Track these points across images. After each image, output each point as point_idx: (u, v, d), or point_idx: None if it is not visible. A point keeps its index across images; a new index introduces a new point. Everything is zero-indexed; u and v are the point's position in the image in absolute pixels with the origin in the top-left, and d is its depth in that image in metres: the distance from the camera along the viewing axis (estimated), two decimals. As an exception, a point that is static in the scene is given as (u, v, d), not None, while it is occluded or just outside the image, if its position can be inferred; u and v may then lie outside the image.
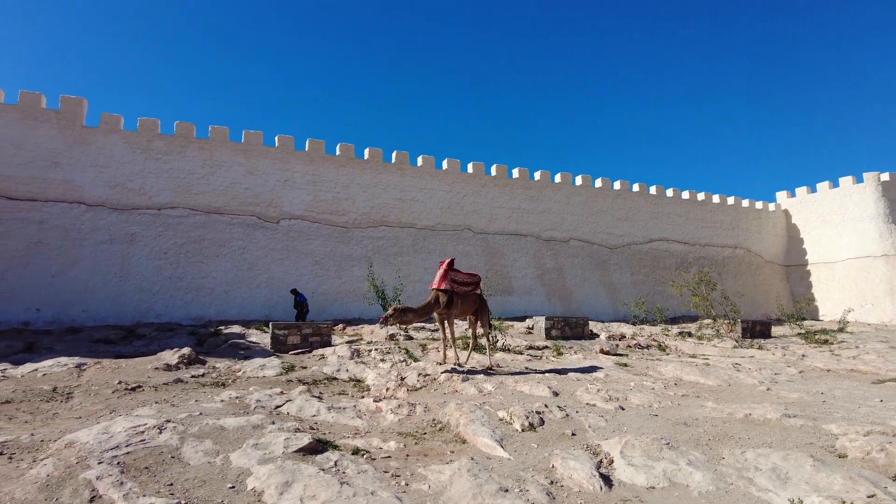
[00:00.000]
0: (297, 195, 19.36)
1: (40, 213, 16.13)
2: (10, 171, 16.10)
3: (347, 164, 20.43)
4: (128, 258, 16.61)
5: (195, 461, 4.42)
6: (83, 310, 15.65)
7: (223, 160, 18.57)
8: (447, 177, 21.98)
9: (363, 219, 20.18)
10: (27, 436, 5.00)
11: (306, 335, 11.35)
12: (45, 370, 8.60)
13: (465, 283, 8.87)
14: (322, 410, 6.25)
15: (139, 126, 17.91)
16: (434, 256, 20.47)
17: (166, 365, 8.90)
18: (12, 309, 14.98)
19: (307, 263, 18.72)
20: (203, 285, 17.09)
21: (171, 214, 17.52)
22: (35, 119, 16.75)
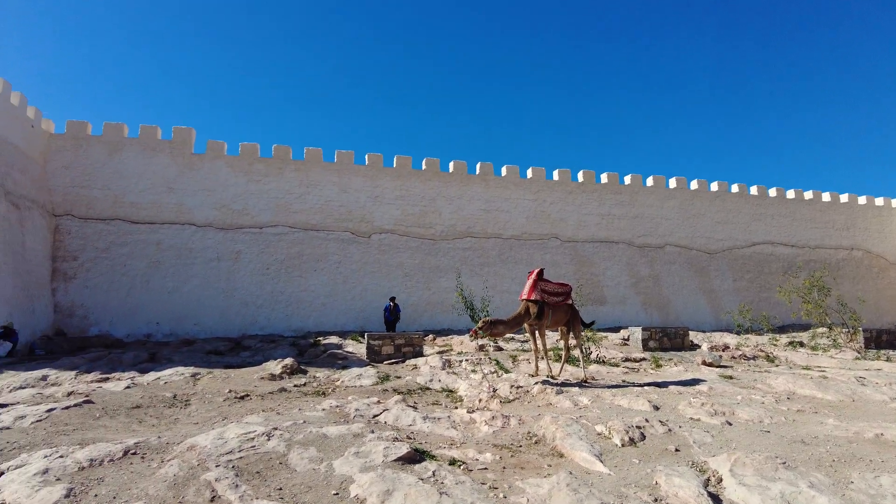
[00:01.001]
0: (387, 210, 19.97)
1: (157, 235, 17.73)
2: (133, 198, 17.86)
3: (433, 178, 20.82)
4: (234, 274, 17.86)
5: (301, 467, 4.64)
6: (195, 323, 16.98)
7: (318, 180, 19.55)
8: (532, 185, 21.82)
9: (449, 231, 20.45)
10: (155, 438, 5.47)
11: (399, 345, 11.63)
12: (166, 378, 9.39)
13: (556, 293, 8.74)
14: (417, 420, 6.38)
15: (241, 151, 19.25)
16: (521, 266, 20.33)
17: (271, 375, 9.43)
18: (136, 322, 16.55)
19: (397, 275, 19.22)
20: (302, 298, 18.03)
21: (271, 232, 18.66)
22: (152, 149, 18.48)
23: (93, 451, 4.96)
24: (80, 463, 4.73)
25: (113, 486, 4.33)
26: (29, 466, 4.70)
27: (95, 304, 16.61)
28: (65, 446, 5.23)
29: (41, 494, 4.12)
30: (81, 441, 5.49)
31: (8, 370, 10.28)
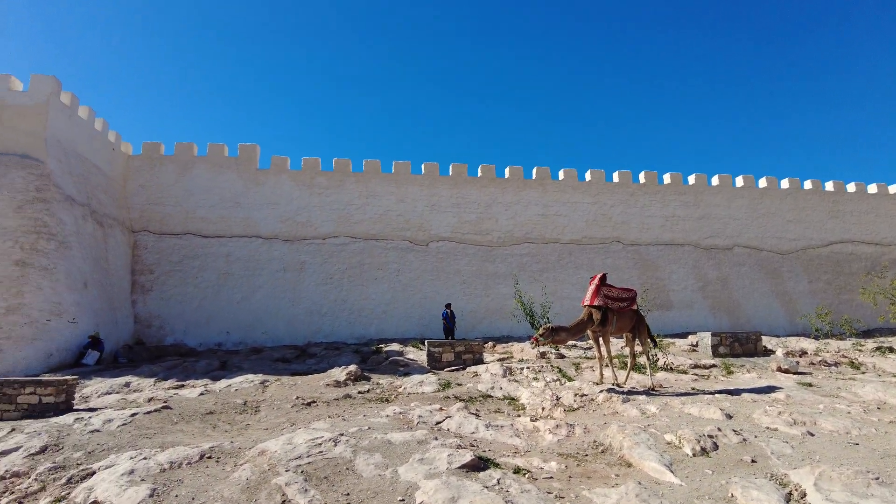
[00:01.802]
0: (444, 218, 20.11)
1: (227, 248, 18.56)
2: (204, 213, 18.79)
3: (489, 184, 20.80)
4: (299, 284, 18.44)
5: (367, 473, 4.72)
6: (263, 332, 17.62)
7: (376, 190, 19.94)
8: (591, 188, 21.42)
9: (506, 237, 20.35)
10: (228, 443, 5.70)
11: (459, 353, 11.65)
12: (237, 385, 9.78)
13: (620, 298, 8.52)
14: (480, 428, 6.36)
15: (303, 165, 19.91)
16: (582, 272, 19.97)
17: (336, 381, 9.65)
18: (208, 332, 17.33)
19: (455, 283, 19.28)
20: (364, 306, 18.39)
21: (333, 243, 19.16)
22: (220, 166, 19.39)
23: (172, 455, 5.22)
24: (161, 465, 4.99)
25: (191, 487, 4.54)
26: (117, 467, 5.00)
27: (170, 315, 17.53)
28: (147, 449, 5.53)
29: (128, 493, 4.38)
30: (162, 444, 5.79)
31: (96, 377, 10.99)
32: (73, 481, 4.99)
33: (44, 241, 13.26)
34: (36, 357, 12.09)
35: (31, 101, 14.96)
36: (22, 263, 12.71)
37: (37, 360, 12.07)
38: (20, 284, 12.46)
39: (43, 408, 7.59)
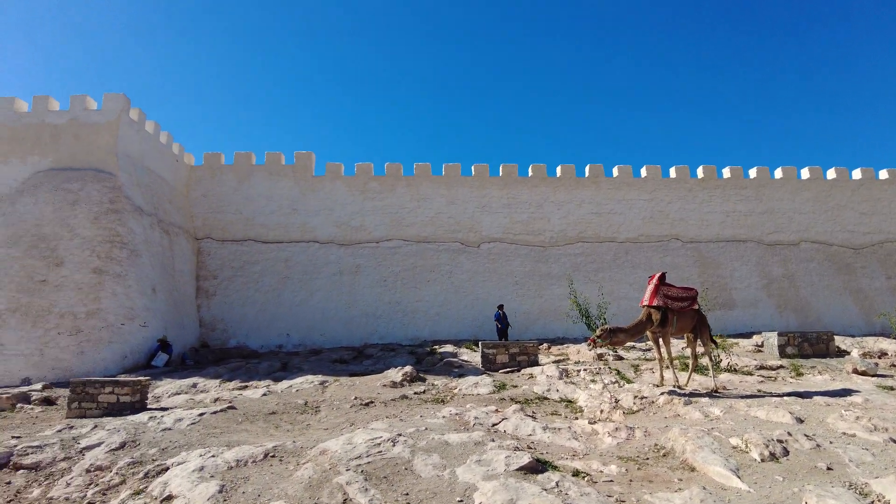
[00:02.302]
0: (495, 219, 20.06)
1: (285, 253, 19.16)
2: (263, 220, 19.47)
3: (540, 183, 20.60)
4: (354, 287, 18.82)
5: (425, 474, 4.76)
6: (321, 333, 18.07)
7: (427, 193, 20.11)
8: (647, 185, 20.87)
9: (559, 237, 20.09)
10: (290, 442, 5.88)
11: (514, 354, 11.59)
12: (298, 386, 10.06)
13: (680, 297, 8.27)
14: (537, 430, 6.31)
15: (356, 171, 20.31)
16: (639, 271, 19.48)
17: (392, 382, 9.79)
18: (270, 334, 17.93)
19: (508, 284, 19.19)
20: (417, 308, 18.58)
21: (387, 246, 19.46)
22: (277, 174, 20.04)
23: (238, 453, 5.43)
24: (228, 463, 5.20)
25: (257, 485, 4.71)
26: (188, 464, 5.25)
27: (233, 318, 18.24)
28: (215, 447, 5.78)
29: (199, 489, 4.59)
30: (228, 443, 6.03)
31: (166, 378, 11.56)
32: (150, 476, 5.28)
33: (117, 250, 14.05)
34: (112, 359, 12.82)
35: (104, 119, 15.91)
36: (99, 271, 13.52)
37: (113, 361, 12.81)
38: (97, 290, 13.26)
39: (120, 406, 8.05)
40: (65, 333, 12.58)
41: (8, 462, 5.78)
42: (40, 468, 5.74)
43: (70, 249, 13.68)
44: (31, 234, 13.84)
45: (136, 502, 4.75)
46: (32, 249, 13.59)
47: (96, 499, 5.05)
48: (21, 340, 12.34)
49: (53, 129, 15.87)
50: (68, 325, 12.69)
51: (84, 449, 6.09)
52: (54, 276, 13.25)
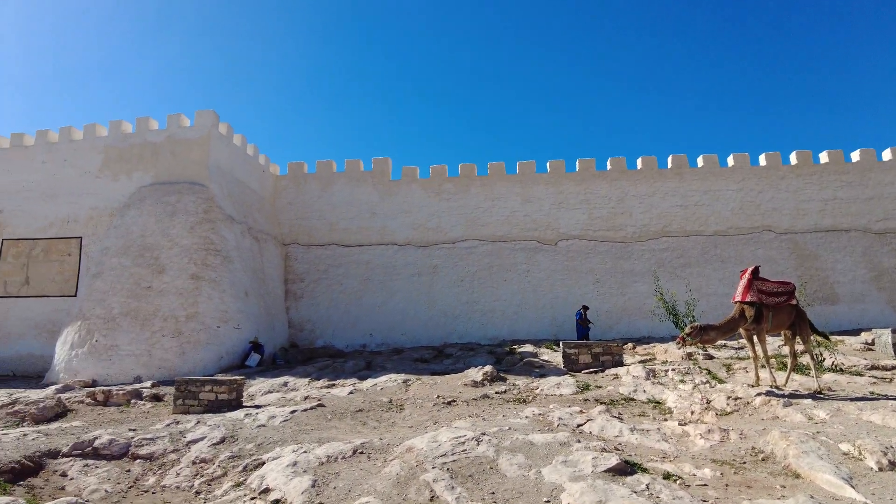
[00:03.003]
0: (572, 215, 19.67)
1: (366, 256, 19.73)
2: (345, 224, 20.16)
3: (619, 177, 19.99)
4: (432, 287, 19.08)
5: (511, 473, 4.75)
6: (402, 333, 18.46)
7: (502, 192, 20.04)
8: (735, 174, 19.72)
9: (642, 231, 19.39)
10: (377, 439, 6.04)
11: (597, 354, 11.30)
12: (382, 385, 10.32)
13: (776, 292, 7.75)
14: (624, 431, 6.13)
15: (431, 173, 20.58)
16: (729, 265, 18.45)
17: (473, 382, 9.83)
18: (354, 334, 18.54)
19: (588, 282, 18.76)
20: (495, 307, 18.56)
21: (462, 246, 19.58)
22: (357, 180, 20.68)
23: (328, 449, 5.65)
24: (319, 458, 5.42)
25: (347, 480, 4.87)
26: (282, 459, 5.52)
27: (319, 319, 19.01)
28: (307, 443, 6.04)
29: (294, 483, 4.81)
30: (319, 439, 6.29)
31: (259, 377, 12.21)
32: (248, 469, 5.60)
33: (212, 257, 15.00)
34: (210, 359, 13.71)
35: (196, 135, 17.04)
36: (196, 277, 14.49)
37: (211, 361, 13.69)
38: (195, 295, 14.22)
39: (219, 404, 8.59)
40: (168, 335, 13.58)
41: (127, 452, 6.33)
42: (153, 458, 6.24)
43: (171, 257, 14.75)
44: (138, 245, 15.04)
45: (237, 493, 5.05)
46: (139, 258, 14.76)
47: (202, 488, 5.42)
48: (132, 342, 13.45)
49: (153, 147, 17.19)
50: (171, 327, 13.69)
51: (189, 442, 6.55)
52: (158, 283, 14.34)
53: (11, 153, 18.41)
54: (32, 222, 17.55)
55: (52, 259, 17.05)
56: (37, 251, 17.21)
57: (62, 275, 16.87)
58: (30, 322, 16.65)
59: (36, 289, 16.92)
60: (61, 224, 17.32)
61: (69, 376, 13.13)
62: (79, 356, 13.49)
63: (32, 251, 17.23)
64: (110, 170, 17.34)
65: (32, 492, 5.44)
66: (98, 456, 6.29)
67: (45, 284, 16.90)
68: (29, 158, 18.19)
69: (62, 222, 17.33)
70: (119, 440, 6.55)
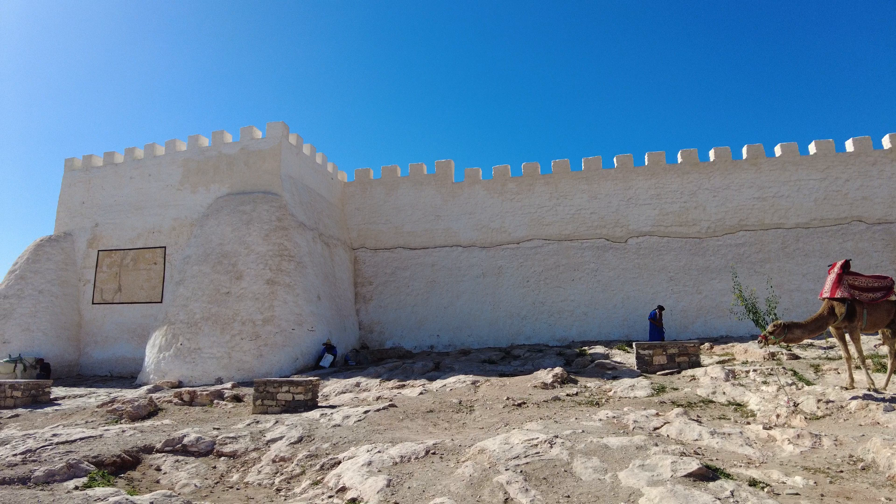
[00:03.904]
0: (642, 211, 19.07)
1: (431, 258, 19.92)
2: (410, 228, 20.45)
3: (691, 170, 19.20)
4: (498, 288, 19.02)
5: (586, 477, 4.64)
6: (469, 334, 18.50)
7: (567, 190, 19.70)
8: (818, 162, 18.48)
9: (717, 226, 18.53)
10: (449, 440, 6.07)
11: (672, 355, 10.90)
12: (451, 386, 10.37)
13: (871, 288, 7.20)
14: (704, 435, 5.87)
15: (494, 174, 20.52)
16: (813, 259, 17.33)
17: (543, 383, 9.71)
18: (422, 335, 18.77)
19: (661, 280, 18.12)
20: (563, 308, 18.26)
21: (527, 246, 19.39)
22: (420, 184, 20.92)
23: (402, 449, 5.73)
24: (393, 458, 5.50)
25: (421, 480, 4.92)
26: (357, 458, 5.65)
27: (388, 321, 19.37)
28: (380, 443, 6.15)
29: (369, 482, 4.91)
30: (392, 439, 6.39)
31: (332, 378, 12.56)
32: (325, 468, 5.77)
33: (286, 263, 15.59)
34: (286, 361, 14.24)
35: (268, 146, 17.77)
36: (271, 282, 15.10)
37: (287, 363, 14.22)
38: (271, 300, 14.81)
39: (296, 404, 8.90)
40: (246, 338, 14.22)
41: (212, 449, 6.68)
42: (236, 456, 6.54)
43: (247, 264, 15.44)
44: (217, 252, 15.84)
45: (315, 491, 5.21)
46: (218, 265, 15.55)
47: (282, 486, 5.63)
48: (214, 345, 14.17)
49: (228, 159, 18.07)
50: (249, 331, 14.33)
51: (269, 441, 6.82)
52: (236, 288, 15.04)
53: (104, 171, 19.88)
54: (123, 234, 18.87)
55: (141, 268, 18.25)
56: (127, 261, 18.48)
57: (149, 282, 18.02)
58: (123, 326, 17.90)
59: (127, 295, 18.17)
60: (148, 235, 18.52)
61: (158, 377, 14.01)
62: (166, 359, 14.36)
63: (123, 261, 18.52)
64: (190, 182, 18.37)
65: (132, 484, 5.83)
66: (187, 452, 6.66)
67: (135, 291, 18.12)
68: (119, 175, 19.57)
69: (148, 233, 18.53)
70: (205, 438, 6.92)
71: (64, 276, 18.57)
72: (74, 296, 18.62)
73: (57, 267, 18.54)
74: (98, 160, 20.26)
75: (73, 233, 19.52)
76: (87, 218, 19.53)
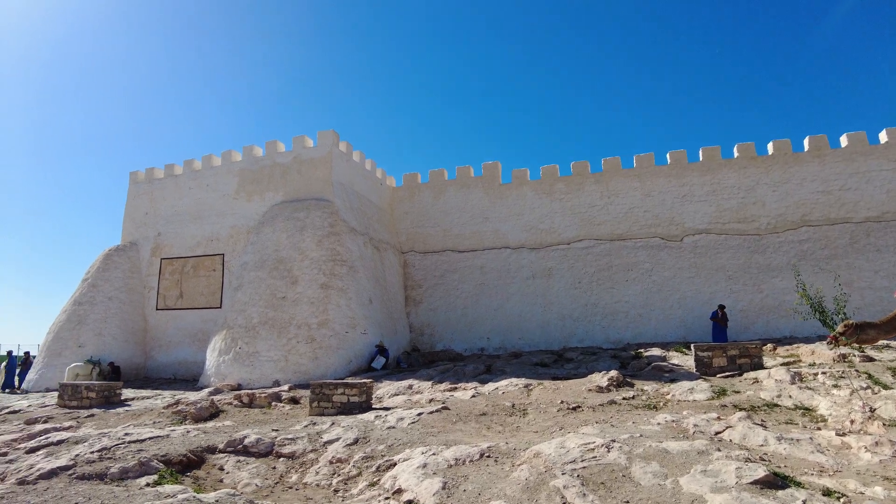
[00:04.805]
0: (698, 208, 18.46)
1: (480, 260, 19.90)
2: (458, 230, 20.50)
3: (748, 164, 18.43)
4: (548, 290, 18.80)
5: (645, 482, 4.53)
6: (519, 337, 18.36)
7: (618, 188, 19.29)
8: (889, 151, 17.37)
9: (777, 222, 17.72)
10: (503, 443, 6.04)
11: (732, 356, 10.49)
12: (503, 389, 10.32)
13: (952, 284, 6.73)
14: (770, 441, 5.62)
15: (542, 174, 20.32)
16: (886, 255, 16.30)
17: (598, 387, 9.53)
18: (472, 338, 18.77)
19: (719, 279, 17.47)
20: (617, 309, 17.87)
21: (578, 247, 19.09)
22: (467, 186, 20.94)
23: (456, 452, 5.74)
24: (448, 461, 5.52)
25: (476, 483, 4.92)
26: (412, 460, 5.69)
27: (438, 323, 19.46)
28: (434, 446, 6.18)
29: (425, 484, 4.94)
30: (446, 442, 6.41)
31: (385, 380, 12.72)
32: (381, 469, 5.84)
33: (338, 267, 15.91)
34: (340, 363, 14.51)
35: (319, 154, 18.19)
36: (325, 286, 15.44)
37: (341, 365, 14.49)
38: (325, 303, 15.14)
39: (350, 406, 9.05)
40: (302, 342, 14.57)
41: (272, 450, 6.88)
42: (294, 457, 6.71)
43: (302, 269, 15.84)
44: (273, 258, 16.31)
45: (371, 493, 5.28)
46: (274, 271, 16.00)
47: (340, 487, 5.74)
48: (271, 348, 14.59)
49: (282, 168, 18.60)
50: (304, 334, 14.68)
51: (326, 443, 6.97)
52: (291, 293, 15.44)
53: (165, 182, 20.81)
54: (183, 242, 19.68)
55: (200, 275, 18.99)
56: (188, 268, 19.26)
57: (209, 288, 18.73)
58: (184, 331, 18.67)
59: (188, 301, 18.94)
60: (207, 243, 19.25)
61: (218, 380, 14.53)
62: (225, 362, 14.88)
63: (184, 268, 19.32)
64: (245, 191, 19.00)
65: (197, 482, 6.07)
66: (248, 453, 6.88)
67: (195, 297, 18.86)
68: (178, 186, 20.44)
69: (207, 241, 19.26)
70: (264, 439, 7.13)
71: (130, 283, 19.53)
72: (140, 302, 19.55)
73: (124, 275, 19.52)
74: (159, 172, 21.21)
75: (138, 242, 20.51)
76: (151, 228, 20.49)
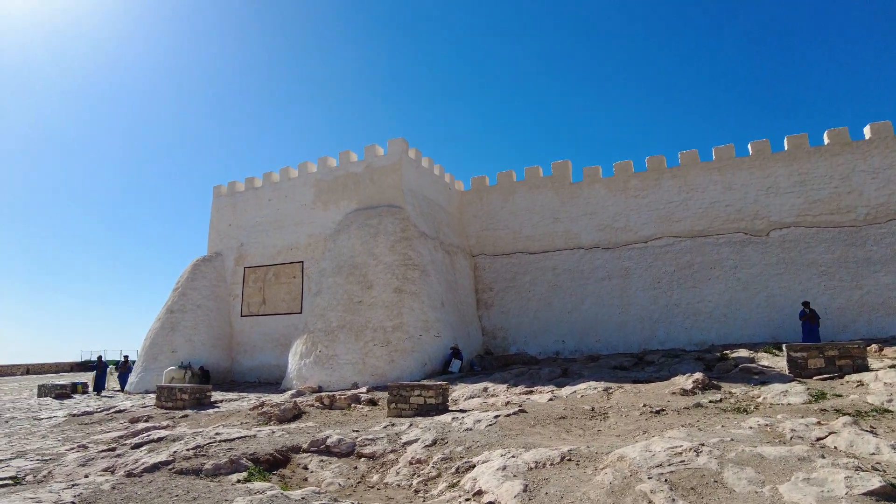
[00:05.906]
0: (784, 200, 17.34)
1: (552, 261, 19.59)
2: (528, 232, 20.29)
3: (841, 151, 17.13)
4: (625, 291, 18.22)
5: (739, 488, 4.27)
6: (596, 339, 17.90)
7: (697, 183, 18.46)
8: None
9: (877, 212, 16.35)
10: (584, 447, 5.89)
11: (831, 357, 9.75)
12: (582, 392, 10.09)
13: None
14: (883, 448, 5.15)
15: (615, 171, 19.76)
16: None
17: (682, 390, 9.13)
18: (546, 340, 18.48)
19: (811, 275, 16.32)
20: (700, 309, 17.05)
21: (656, 245, 18.40)
22: (536, 187, 20.70)
23: (536, 455, 5.65)
24: (527, 463, 5.44)
25: (558, 486, 4.81)
26: (491, 462, 5.66)
27: (510, 326, 19.30)
28: (513, 448, 6.11)
29: (505, 486, 4.89)
30: (524, 445, 6.32)
31: (459, 383, 12.74)
32: (460, 471, 5.84)
33: (411, 271, 16.13)
34: (415, 366, 14.69)
35: (389, 162, 18.55)
36: (399, 290, 15.70)
37: (416, 368, 14.66)
38: (399, 307, 15.39)
39: (427, 408, 9.12)
40: (378, 345, 14.87)
41: (353, 450, 7.04)
42: (375, 457, 6.83)
43: (376, 274, 16.18)
44: (349, 264, 16.78)
45: (452, 494, 5.29)
46: (350, 276, 16.45)
47: (420, 487, 5.78)
48: (349, 351, 14.98)
49: (355, 177, 19.11)
50: (380, 337, 14.98)
51: (405, 444, 7.05)
52: (367, 297, 15.81)
53: (246, 195, 21.88)
54: (265, 251, 20.61)
55: (281, 281, 19.81)
56: (269, 275, 20.15)
57: (289, 294, 19.50)
58: (267, 336, 19.52)
59: (270, 308, 19.80)
60: (286, 251, 20.06)
61: (300, 383, 15.07)
62: (306, 365, 15.41)
63: (266, 276, 20.22)
64: (321, 200, 19.66)
65: (283, 480, 6.30)
66: (330, 453, 7.07)
67: (277, 304, 19.69)
68: (259, 198, 21.44)
69: (287, 249, 20.06)
70: (346, 440, 7.31)
71: (217, 291, 20.65)
72: (226, 309, 20.62)
73: (211, 284, 20.67)
74: (240, 185, 22.33)
75: (223, 252, 21.67)
76: (234, 238, 21.59)
